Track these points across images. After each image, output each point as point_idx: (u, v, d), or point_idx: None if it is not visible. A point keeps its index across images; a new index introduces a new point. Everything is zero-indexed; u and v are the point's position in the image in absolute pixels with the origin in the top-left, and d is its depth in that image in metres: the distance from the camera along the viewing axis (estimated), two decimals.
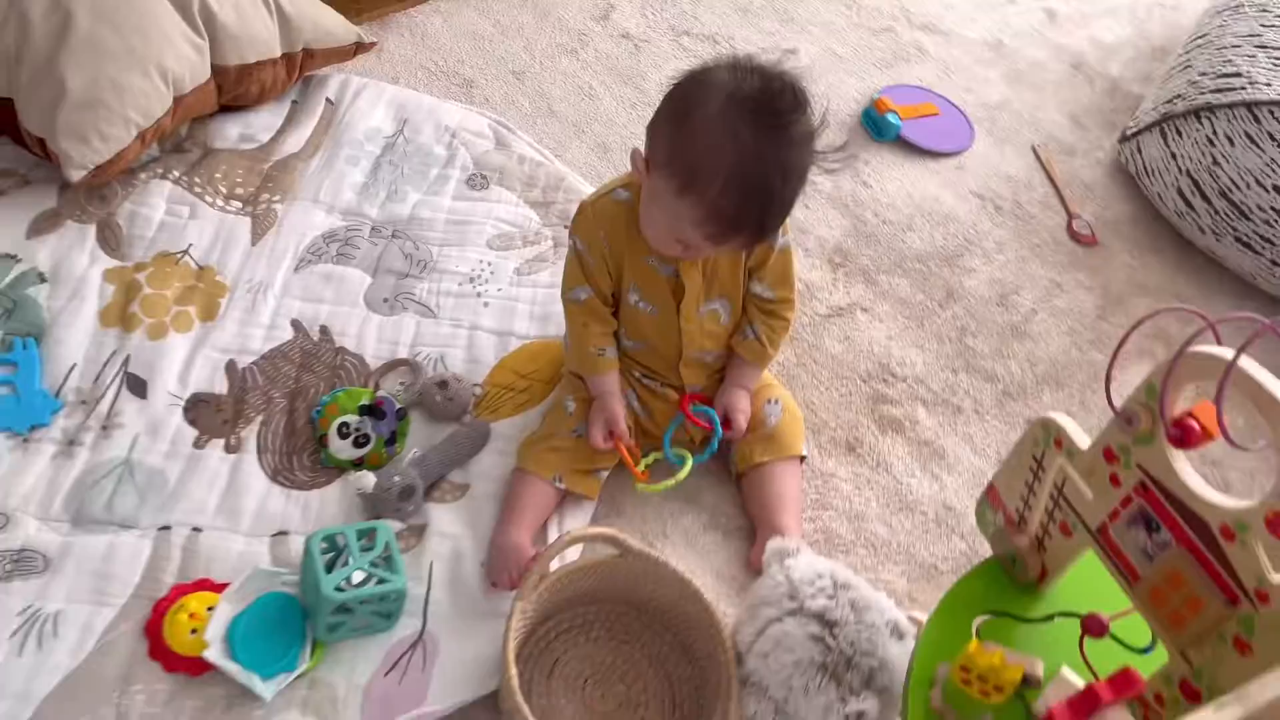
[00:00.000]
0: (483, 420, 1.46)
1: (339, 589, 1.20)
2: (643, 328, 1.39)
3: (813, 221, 1.86)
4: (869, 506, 1.49)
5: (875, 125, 2.03)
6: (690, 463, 1.38)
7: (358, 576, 1.23)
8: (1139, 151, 1.96)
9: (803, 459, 1.48)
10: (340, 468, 1.40)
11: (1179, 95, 1.91)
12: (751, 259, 1.36)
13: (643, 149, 1.24)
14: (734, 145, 1.12)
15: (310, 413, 1.45)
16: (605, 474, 1.43)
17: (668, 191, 1.17)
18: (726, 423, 1.41)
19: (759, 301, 1.40)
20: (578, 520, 1.40)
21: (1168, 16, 2.45)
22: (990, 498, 1.11)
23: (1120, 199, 2.01)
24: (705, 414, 1.41)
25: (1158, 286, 1.86)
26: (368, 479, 1.34)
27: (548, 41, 2.10)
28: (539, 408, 1.50)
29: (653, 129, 1.22)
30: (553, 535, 1.37)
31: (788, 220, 1.35)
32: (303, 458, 1.41)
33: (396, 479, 1.34)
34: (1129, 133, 2.00)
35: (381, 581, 1.23)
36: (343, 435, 1.41)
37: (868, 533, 1.46)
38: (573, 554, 1.32)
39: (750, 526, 1.44)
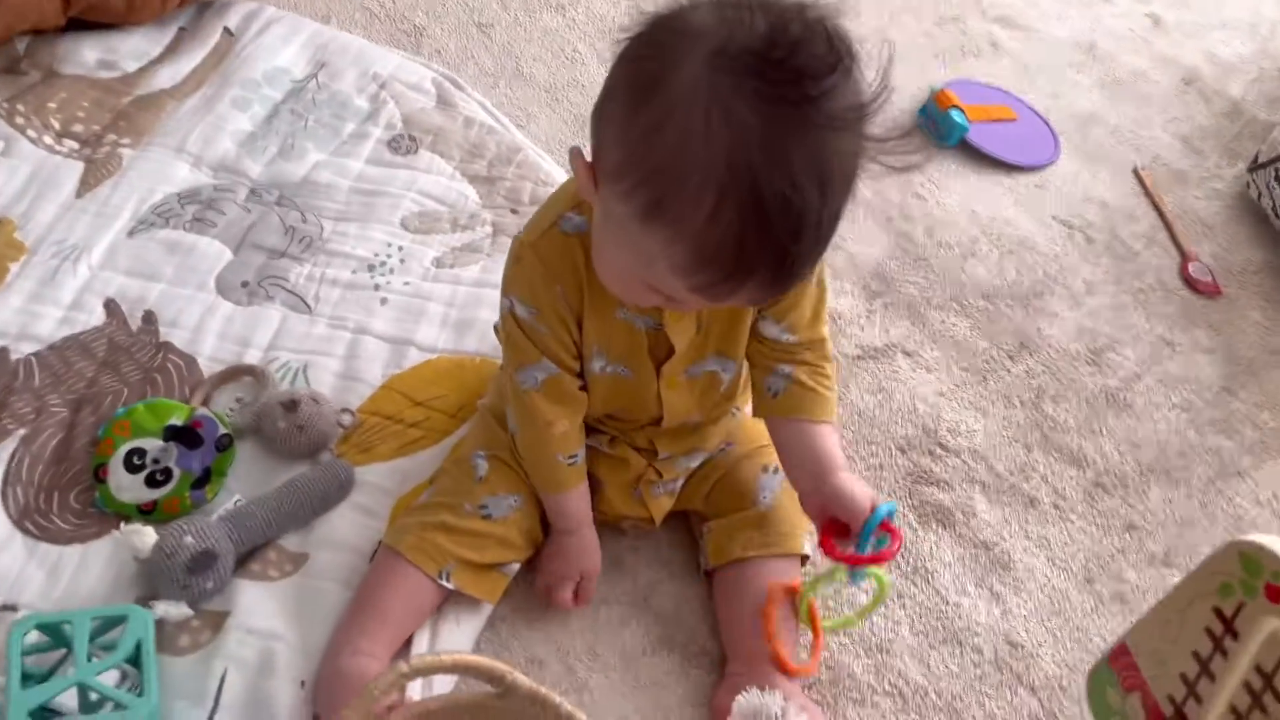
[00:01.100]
0: (346, 461, 1.01)
1: (42, 712, 0.74)
2: (609, 395, 0.94)
3: (842, 235, 1.40)
4: (899, 635, 1.02)
5: (936, 124, 1.58)
6: (887, 585, 0.89)
7: (80, 695, 0.77)
8: (1277, 182, 1.50)
9: (805, 559, 1.01)
10: (123, 515, 0.95)
11: None
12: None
13: (587, 149, 0.76)
14: (729, 134, 0.64)
15: (98, 430, 1.00)
16: (517, 566, 0.96)
17: (629, 218, 0.70)
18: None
19: (773, 345, 0.92)
20: (463, 630, 0.94)
21: None
22: (1120, 670, 0.64)
23: (1247, 241, 1.54)
24: (874, 532, 0.85)
25: None
26: (145, 536, 0.89)
27: None
28: (432, 451, 1.04)
29: (601, 113, 0.73)
30: (420, 649, 0.91)
31: None
32: (70, 496, 0.96)
33: (189, 539, 0.89)
34: (1262, 159, 1.54)
35: (118, 707, 0.77)
36: (133, 468, 0.96)
37: (895, 674, 0.99)
38: (442, 681, 0.86)
39: (720, 650, 0.97)
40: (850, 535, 0.86)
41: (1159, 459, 1.23)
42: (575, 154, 0.75)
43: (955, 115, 1.55)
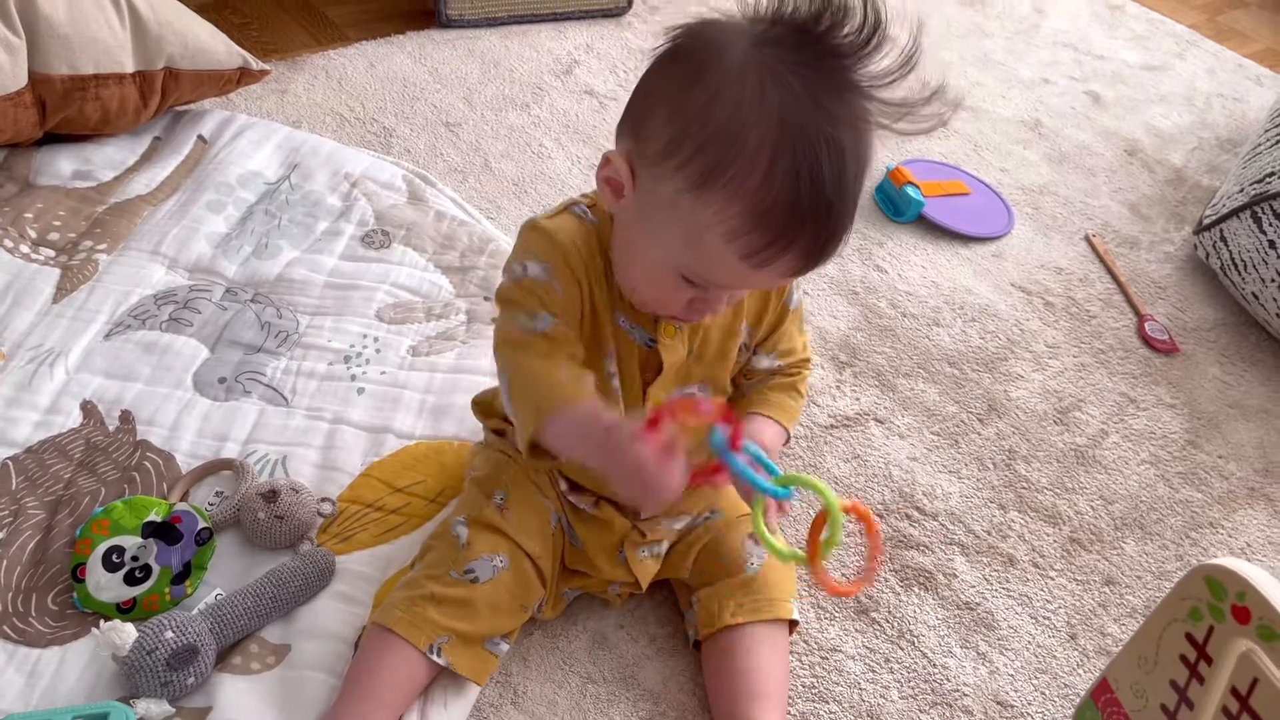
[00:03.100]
0: (327, 549, 1.01)
1: None
2: None
3: (810, 309, 1.44)
4: (887, 699, 1.02)
5: (891, 202, 1.63)
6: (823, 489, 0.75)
7: None
8: (1223, 242, 1.56)
9: (793, 624, 1.01)
10: (103, 614, 0.94)
11: (1273, 173, 1.52)
12: (762, 327, 0.98)
13: (620, 153, 0.80)
14: (780, 97, 0.71)
15: (75, 530, 1.00)
16: (506, 646, 0.96)
17: (680, 194, 0.75)
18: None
19: (765, 372, 1.01)
20: (451, 714, 0.92)
21: (1231, 108, 2.09)
22: (1103, 706, 0.65)
23: (1200, 300, 1.59)
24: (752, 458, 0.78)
25: (1261, 408, 1.42)
26: (124, 633, 0.88)
27: (494, 94, 1.74)
28: (413, 536, 1.04)
29: (640, 112, 0.79)
30: None
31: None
32: (48, 597, 0.95)
33: (169, 634, 0.88)
34: (1207, 221, 1.60)
35: None
36: (112, 566, 0.96)
37: None
38: None
39: None
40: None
41: (1132, 513, 1.25)
42: (610, 157, 0.80)
43: (911, 191, 1.60)
